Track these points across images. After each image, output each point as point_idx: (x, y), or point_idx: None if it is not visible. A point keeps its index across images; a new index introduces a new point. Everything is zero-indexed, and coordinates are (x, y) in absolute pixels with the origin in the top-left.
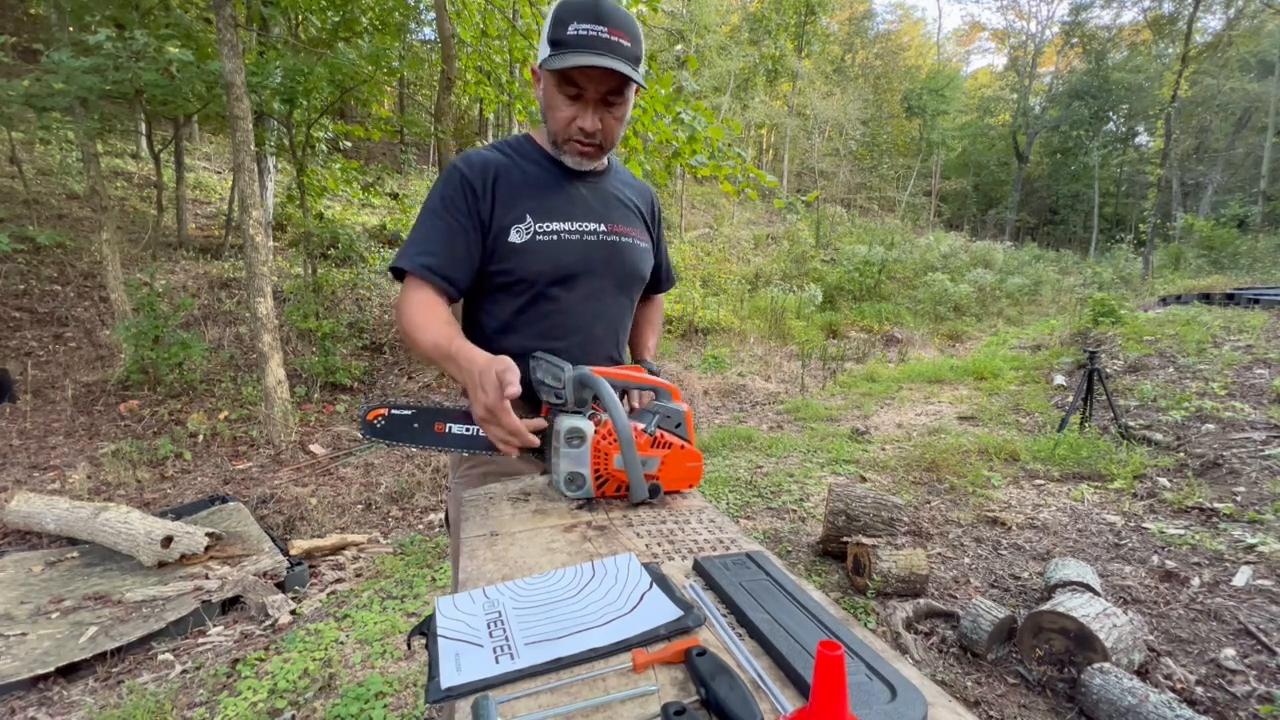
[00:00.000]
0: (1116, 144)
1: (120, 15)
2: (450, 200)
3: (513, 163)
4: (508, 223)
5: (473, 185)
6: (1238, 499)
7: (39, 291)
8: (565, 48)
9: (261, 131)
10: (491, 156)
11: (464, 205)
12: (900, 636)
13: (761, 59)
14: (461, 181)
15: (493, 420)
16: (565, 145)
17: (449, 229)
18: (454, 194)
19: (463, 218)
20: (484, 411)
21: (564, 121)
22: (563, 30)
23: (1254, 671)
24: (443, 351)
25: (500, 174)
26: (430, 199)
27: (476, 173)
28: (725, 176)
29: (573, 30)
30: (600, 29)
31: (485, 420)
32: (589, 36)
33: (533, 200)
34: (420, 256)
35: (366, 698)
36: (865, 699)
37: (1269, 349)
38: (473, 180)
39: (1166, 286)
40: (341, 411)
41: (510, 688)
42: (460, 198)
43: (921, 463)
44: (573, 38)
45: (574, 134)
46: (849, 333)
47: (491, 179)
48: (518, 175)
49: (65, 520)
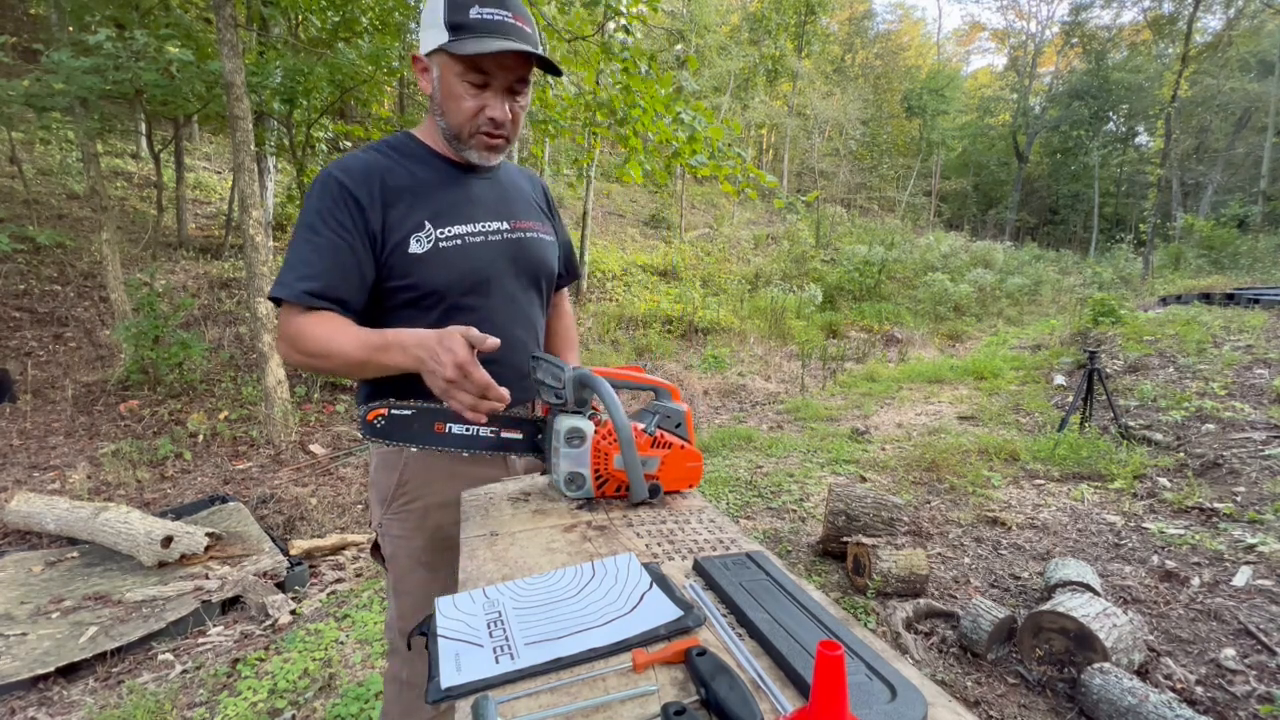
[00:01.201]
0: (1116, 144)
1: (120, 15)
2: (329, 214)
3: (398, 164)
4: (405, 232)
5: (355, 195)
6: (1238, 499)
7: (39, 291)
8: (470, 32)
9: (261, 131)
10: (373, 160)
11: (347, 219)
12: (900, 636)
13: (761, 59)
14: (341, 191)
15: (462, 377)
16: (471, 139)
17: (332, 246)
18: (333, 206)
19: (345, 233)
20: (453, 371)
21: (470, 112)
22: (463, 14)
23: (1254, 671)
24: (375, 345)
25: (386, 178)
26: (305, 214)
27: (359, 180)
28: (725, 176)
29: (475, 14)
30: (505, 13)
31: (454, 383)
32: (494, 21)
33: (428, 204)
34: (301, 283)
35: (366, 698)
36: (865, 699)
37: (1269, 349)
38: (355, 190)
39: (1166, 286)
40: (341, 411)
41: (510, 688)
42: (342, 210)
43: (921, 463)
44: (476, 22)
45: (483, 125)
46: (849, 333)
47: (378, 186)
48: (406, 178)
49: (65, 520)
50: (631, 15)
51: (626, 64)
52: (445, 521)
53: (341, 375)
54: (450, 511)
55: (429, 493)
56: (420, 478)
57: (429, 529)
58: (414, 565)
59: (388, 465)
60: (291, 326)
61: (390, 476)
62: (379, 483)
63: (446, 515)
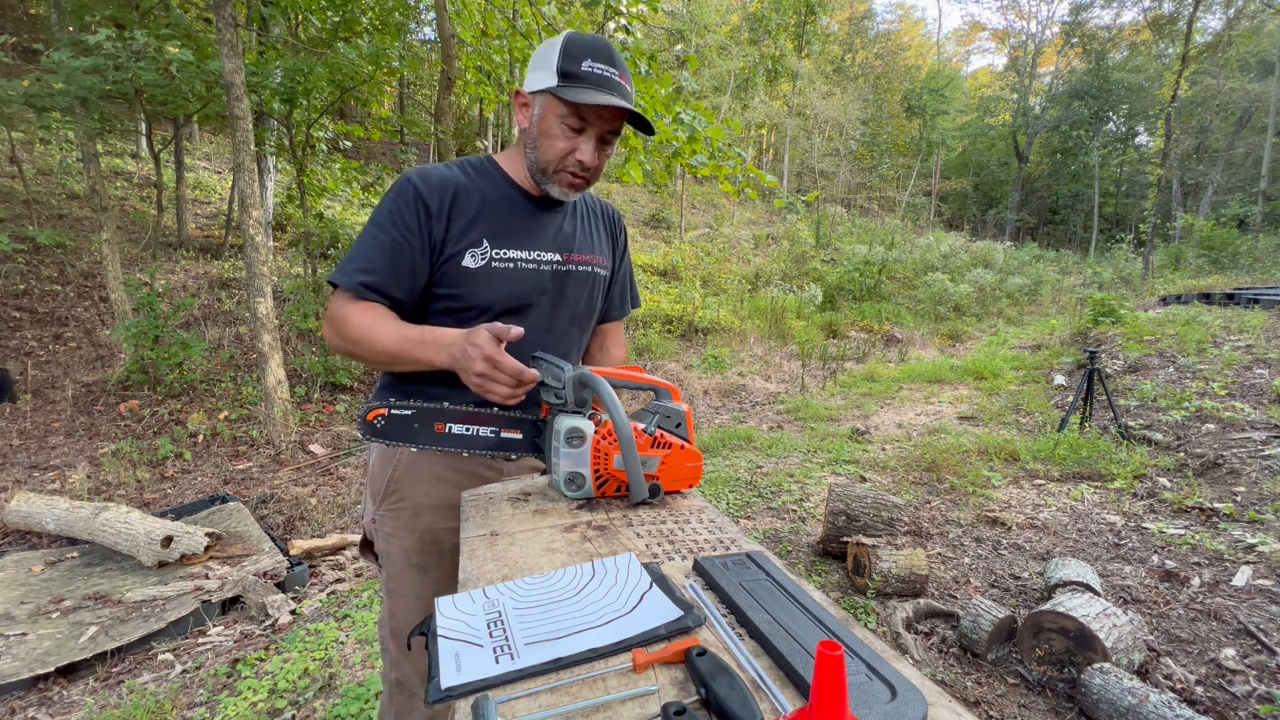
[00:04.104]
0: (1116, 144)
1: (120, 15)
2: (399, 215)
3: (473, 184)
4: (463, 246)
5: (427, 203)
6: (1238, 499)
7: (39, 291)
8: (580, 82)
9: (261, 131)
10: (451, 175)
11: (414, 223)
12: (900, 636)
13: (761, 59)
14: (415, 197)
15: (493, 368)
16: (555, 175)
17: (394, 244)
18: (405, 210)
19: (411, 235)
20: (483, 365)
21: (561, 152)
22: (575, 65)
23: (1254, 671)
24: (413, 341)
25: (460, 194)
26: (378, 212)
27: (434, 190)
28: (725, 176)
29: (587, 66)
30: (613, 71)
31: (485, 376)
32: (604, 77)
33: (491, 224)
34: (359, 274)
35: (366, 698)
36: (865, 699)
37: (1269, 349)
38: (428, 198)
39: (1166, 286)
40: (341, 411)
41: (510, 688)
42: (411, 214)
43: (921, 463)
44: (588, 74)
45: (570, 165)
46: (849, 333)
47: (450, 199)
48: (477, 198)
49: (65, 520)
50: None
51: (626, 64)
52: (436, 524)
53: (377, 363)
54: (441, 514)
55: (419, 494)
56: (410, 478)
57: (419, 530)
58: (405, 565)
59: (384, 460)
60: (340, 311)
61: (385, 471)
62: (375, 476)
63: (438, 518)
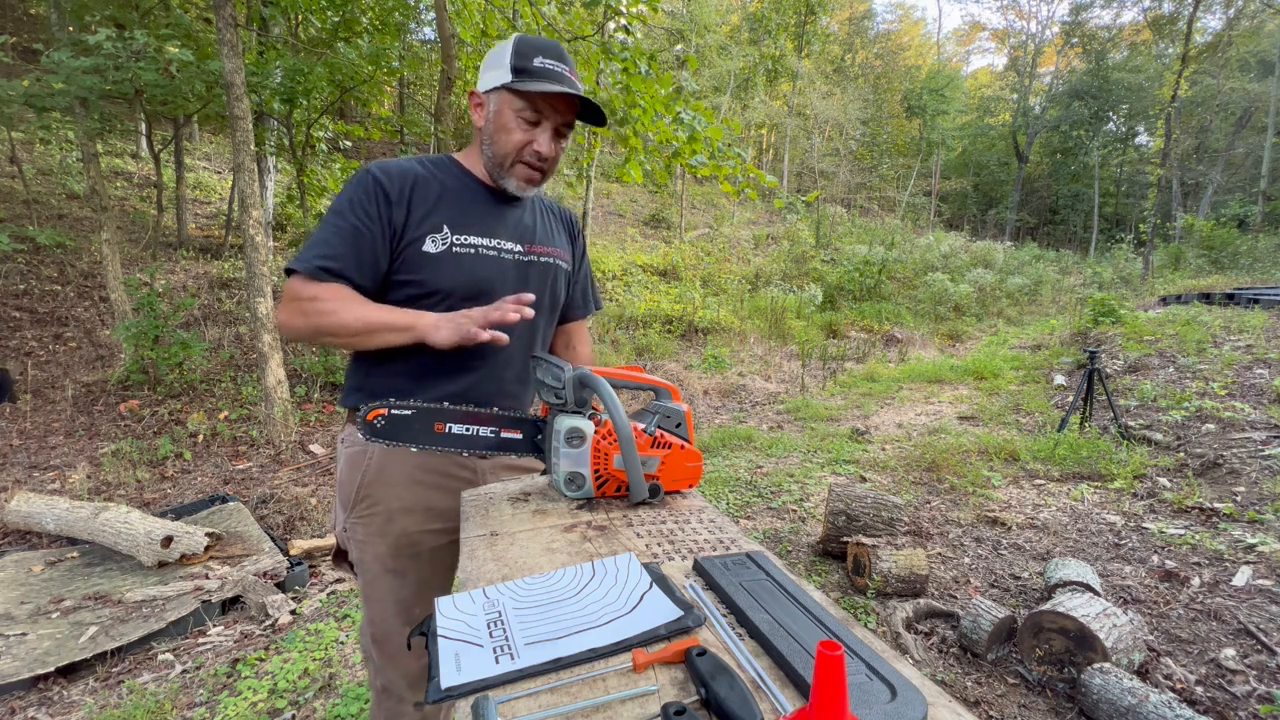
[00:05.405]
0: (1116, 144)
1: (120, 15)
2: (359, 203)
3: (433, 175)
4: (423, 231)
5: (386, 191)
6: (1238, 499)
7: (39, 291)
8: (533, 76)
9: (261, 131)
10: (410, 166)
11: (374, 210)
12: (900, 636)
13: (761, 59)
14: (375, 185)
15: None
16: (512, 169)
17: (354, 230)
18: (364, 198)
19: (371, 222)
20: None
21: (517, 145)
22: (528, 61)
23: (1254, 671)
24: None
25: (419, 183)
26: (338, 201)
27: (393, 179)
28: (725, 176)
29: (539, 62)
30: (563, 67)
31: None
32: (555, 71)
33: (451, 212)
34: (319, 260)
35: (366, 698)
36: (865, 699)
37: (1269, 349)
38: (388, 186)
39: (1166, 286)
40: (341, 411)
41: (510, 688)
42: (370, 202)
43: (921, 463)
44: (540, 69)
45: (527, 157)
46: (849, 333)
47: (409, 187)
48: (437, 187)
49: (65, 520)
50: (631, 15)
51: (626, 64)
52: (411, 527)
53: (340, 337)
54: (416, 517)
55: (390, 498)
56: (381, 483)
57: (393, 535)
58: (381, 571)
59: (352, 466)
60: (307, 290)
61: (354, 478)
62: (344, 484)
63: (412, 521)
